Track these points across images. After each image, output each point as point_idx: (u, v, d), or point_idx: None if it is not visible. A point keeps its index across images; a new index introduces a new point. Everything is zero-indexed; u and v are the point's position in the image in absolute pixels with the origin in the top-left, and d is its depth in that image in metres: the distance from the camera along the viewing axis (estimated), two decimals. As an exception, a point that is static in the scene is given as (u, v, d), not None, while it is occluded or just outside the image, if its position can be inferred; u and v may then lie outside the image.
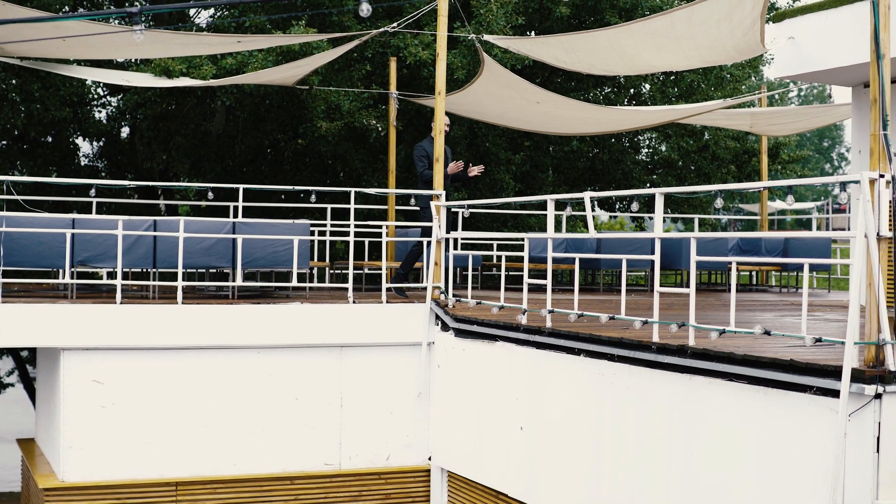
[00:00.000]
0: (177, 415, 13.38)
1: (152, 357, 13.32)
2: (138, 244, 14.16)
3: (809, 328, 10.76)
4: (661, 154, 29.68)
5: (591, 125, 21.50)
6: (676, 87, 26.32)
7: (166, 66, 18.56)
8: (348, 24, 20.96)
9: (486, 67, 17.00)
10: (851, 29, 13.19)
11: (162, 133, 24.59)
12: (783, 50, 14.47)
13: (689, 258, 9.56)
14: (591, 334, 10.65)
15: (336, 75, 21.56)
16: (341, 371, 14.05)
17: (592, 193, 11.15)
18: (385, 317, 14.22)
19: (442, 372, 13.93)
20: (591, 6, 23.44)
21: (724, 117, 21.90)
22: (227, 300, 14.18)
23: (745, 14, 12.84)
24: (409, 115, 23.17)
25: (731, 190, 8.94)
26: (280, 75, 18.70)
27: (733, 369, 8.67)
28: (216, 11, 24.02)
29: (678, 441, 9.34)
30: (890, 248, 7.67)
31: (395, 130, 19.77)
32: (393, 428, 14.26)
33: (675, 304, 14.64)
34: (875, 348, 7.53)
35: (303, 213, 24.27)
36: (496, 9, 20.24)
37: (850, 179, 7.72)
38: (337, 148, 23.41)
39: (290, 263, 14.56)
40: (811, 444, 7.84)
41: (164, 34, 16.60)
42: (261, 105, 23.70)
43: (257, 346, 13.72)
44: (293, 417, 13.86)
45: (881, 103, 7.76)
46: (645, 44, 14.69)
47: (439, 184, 14.63)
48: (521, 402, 11.98)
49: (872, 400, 7.40)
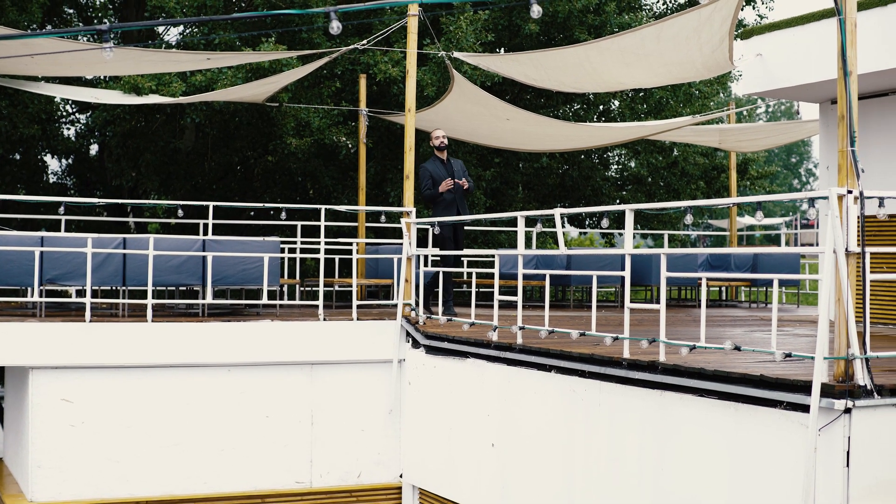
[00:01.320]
0: (147, 433, 13.30)
1: (122, 375, 13.24)
2: (108, 262, 14.10)
3: (779, 343, 10.80)
4: (631, 170, 29.79)
5: (561, 142, 21.57)
6: (645, 104, 26.42)
7: (135, 83, 18.53)
8: (318, 41, 20.96)
9: (456, 84, 17.03)
10: (818, 46, 13.28)
11: (131, 150, 24.52)
12: (751, 67, 14.55)
13: (660, 274, 9.59)
14: (562, 350, 10.66)
15: (306, 92, 21.56)
16: (312, 388, 14.00)
17: (562, 210, 11.16)
18: (356, 334, 14.18)
19: (413, 389, 13.91)
20: (560, 23, 23.52)
21: (692, 134, 21.99)
22: (197, 318, 14.13)
23: (714, 31, 12.91)
24: (379, 131, 23.20)
25: (700, 206, 8.99)
26: (250, 92, 18.69)
27: (704, 385, 8.69)
28: (186, 29, 23.98)
29: (650, 457, 9.35)
30: (858, 264, 7.70)
31: (365, 147, 19.77)
32: (364, 445, 14.22)
33: (646, 319, 14.66)
34: (844, 363, 7.56)
35: (273, 230, 24.22)
36: (466, 26, 20.29)
37: (818, 195, 7.75)
38: (307, 165, 23.41)
39: (261, 281, 14.53)
40: (782, 459, 7.86)
41: (133, 51, 16.55)
42: (230, 122, 23.68)
43: (228, 364, 13.66)
44: (264, 435, 13.80)
45: (849, 120, 7.80)
46: (614, 61, 14.74)
47: (409, 200, 14.62)
48: (493, 418, 11.97)
49: (842, 414, 7.43)
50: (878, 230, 13.30)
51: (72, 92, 20.00)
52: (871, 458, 7.52)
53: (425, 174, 14.77)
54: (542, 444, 10.99)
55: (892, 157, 13.94)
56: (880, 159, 14.01)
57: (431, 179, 14.71)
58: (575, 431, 10.43)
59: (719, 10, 12.37)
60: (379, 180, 23.85)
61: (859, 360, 7.54)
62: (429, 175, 14.74)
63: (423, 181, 14.78)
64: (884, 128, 14.09)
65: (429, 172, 14.76)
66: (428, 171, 14.78)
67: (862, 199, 7.61)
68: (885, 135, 14.06)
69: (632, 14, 25.06)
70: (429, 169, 14.79)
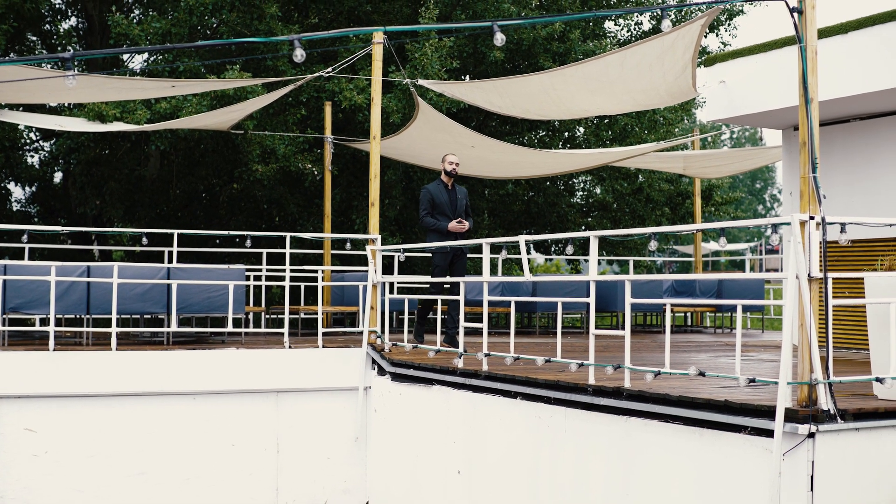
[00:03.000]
0: (112, 463, 13.22)
1: (86, 404, 13.15)
2: (71, 290, 14.04)
3: (744, 369, 10.86)
4: (596, 197, 29.91)
5: (526, 168, 21.62)
6: (610, 131, 26.54)
7: (100, 110, 18.47)
8: (283, 68, 20.97)
9: (421, 112, 17.06)
10: (781, 73, 13.38)
11: (95, 178, 24.43)
12: (715, 94, 14.63)
13: (625, 300, 9.61)
14: (528, 377, 10.66)
15: (271, 119, 21.56)
16: (278, 416, 13.95)
17: (527, 237, 11.18)
18: (321, 361, 14.15)
19: (379, 416, 13.88)
20: (525, 51, 23.61)
21: (657, 160, 22.09)
22: (162, 346, 14.07)
23: (677, 58, 12.98)
24: (344, 158, 23.21)
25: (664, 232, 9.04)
26: (215, 120, 18.66)
27: (669, 410, 8.71)
28: (150, 56, 23.95)
29: (615, 483, 9.35)
30: (821, 289, 7.75)
31: (331, 174, 19.79)
32: (330, 473, 14.17)
33: (611, 345, 14.69)
34: (808, 388, 7.60)
35: (238, 257, 24.18)
36: (431, 52, 20.34)
37: (781, 221, 7.80)
38: (272, 192, 23.39)
39: (226, 308, 14.49)
40: (747, 484, 7.87)
41: (97, 78, 16.51)
42: (195, 149, 23.63)
43: (193, 393, 13.59)
44: (229, 464, 13.73)
45: (810, 146, 7.86)
46: (578, 88, 14.80)
47: (374, 227, 14.61)
48: (459, 445, 11.95)
49: (806, 439, 7.46)
50: (841, 255, 13.39)
51: (36, 119, 19.94)
52: (835, 483, 7.54)
53: (426, 196, 14.24)
54: (508, 471, 10.98)
55: (854, 183, 14.04)
56: (843, 185, 14.11)
57: (431, 203, 14.20)
58: (541, 458, 10.43)
59: (682, 38, 12.44)
60: (344, 207, 23.84)
61: (822, 385, 7.57)
62: (429, 198, 14.21)
63: (423, 204, 14.26)
64: (846, 154, 14.19)
65: (430, 195, 14.24)
66: (430, 193, 14.26)
67: (824, 224, 7.66)
68: (848, 161, 14.16)
69: (596, 41, 25.19)
70: (431, 192, 14.27)
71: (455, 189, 14.38)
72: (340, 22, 24.41)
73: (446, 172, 14.28)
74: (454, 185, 14.39)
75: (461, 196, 14.39)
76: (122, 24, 20.29)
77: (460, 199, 14.36)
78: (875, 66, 12.42)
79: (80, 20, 27.45)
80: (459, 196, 14.36)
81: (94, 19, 25.83)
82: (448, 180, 14.32)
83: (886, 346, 8.18)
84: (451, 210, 14.24)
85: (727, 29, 27.81)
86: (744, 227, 8.45)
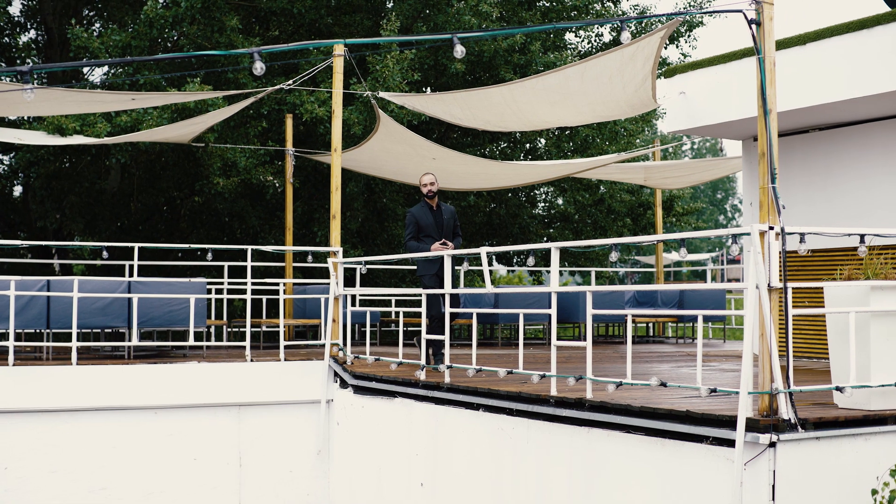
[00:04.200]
0: (74, 478, 13.12)
1: (47, 419, 13.06)
2: (31, 304, 13.95)
3: (705, 379, 10.89)
4: (558, 208, 29.96)
5: (488, 180, 21.65)
6: (572, 142, 26.61)
7: (59, 123, 18.37)
8: (244, 81, 20.92)
9: (382, 124, 17.05)
10: (740, 84, 13.46)
11: (55, 191, 24.29)
12: (675, 105, 14.70)
13: (587, 311, 9.62)
14: (490, 389, 10.66)
15: (232, 132, 21.49)
16: (240, 430, 13.90)
17: (489, 249, 11.19)
18: (283, 375, 14.11)
19: (341, 429, 13.85)
20: (486, 62, 23.64)
21: (618, 171, 22.16)
22: (123, 360, 13.99)
23: (637, 70, 13.03)
24: (305, 171, 23.18)
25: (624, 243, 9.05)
26: (175, 132, 18.59)
27: (631, 421, 8.72)
28: (110, 69, 23.85)
29: (578, 494, 9.36)
30: (781, 299, 7.79)
31: (292, 187, 19.74)
32: (293, 486, 14.12)
33: (574, 357, 14.72)
34: (769, 397, 7.63)
35: (200, 271, 24.09)
36: (392, 65, 20.34)
37: (740, 232, 7.84)
38: (234, 205, 23.32)
39: (187, 322, 14.43)
40: (709, 494, 7.90)
41: (56, 92, 16.41)
42: (156, 162, 23.54)
43: (154, 407, 13.52)
44: (192, 478, 13.66)
45: (769, 157, 7.91)
46: (539, 100, 14.83)
47: (336, 240, 14.58)
48: (421, 457, 11.93)
49: (767, 448, 7.49)
50: (801, 265, 13.46)
51: (-6, 133, 19.80)
52: (796, 492, 7.58)
53: (410, 220, 13.60)
54: (471, 483, 10.97)
55: (814, 193, 14.13)
56: (803, 195, 14.20)
57: (416, 227, 13.56)
58: (503, 469, 10.42)
59: (642, 50, 12.49)
60: (306, 220, 23.79)
61: (783, 395, 7.61)
62: (414, 222, 13.57)
63: (407, 228, 13.65)
64: (806, 164, 14.28)
65: (414, 219, 13.59)
66: (414, 217, 13.61)
67: (783, 234, 7.71)
68: (808, 171, 14.25)
69: (557, 53, 25.25)
70: (415, 215, 13.61)
71: (441, 209, 13.73)
72: (301, 34, 24.38)
73: (424, 195, 13.68)
74: (439, 205, 13.75)
75: (447, 216, 13.75)
76: (81, 36, 20.18)
77: (447, 219, 13.73)
78: (833, 77, 12.51)
79: (39, 33, 27.32)
80: (446, 216, 13.73)
81: (53, 32, 25.71)
82: (432, 201, 13.66)
83: (846, 355, 8.22)
84: (438, 232, 13.63)
85: (687, 40, 27.95)
86: (704, 237, 8.48)
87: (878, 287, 8.18)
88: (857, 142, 13.78)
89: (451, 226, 13.81)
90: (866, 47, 12.15)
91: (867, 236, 8.63)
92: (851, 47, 12.32)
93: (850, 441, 7.87)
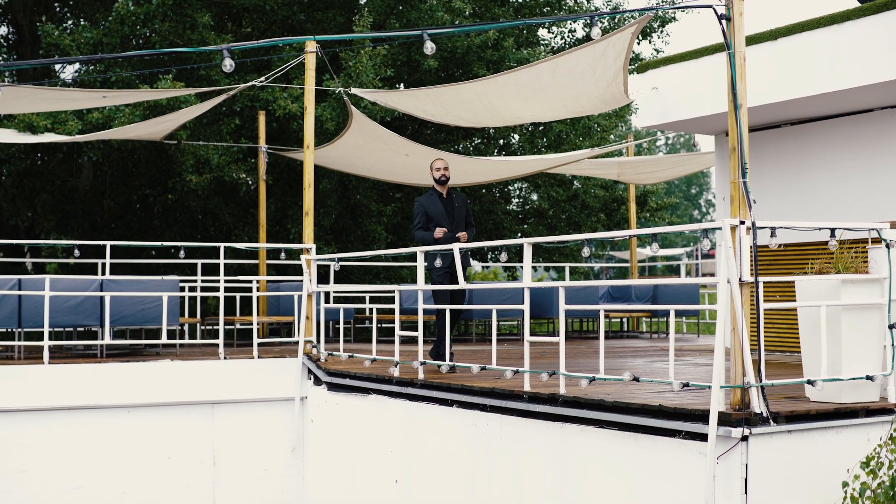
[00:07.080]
0: (46, 477, 13.07)
1: (18, 419, 13.00)
2: (2, 303, 13.89)
3: (678, 373, 10.93)
4: (532, 203, 29.97)
5: (462, 176, 21.63)
6: (545, 138, 26.62)
7: (30, 121, 18.27)
8: (216, 77, 20.86)
9: (355, 120, 17.03)
10: (712, 79, 13.47)
11: (27, 190, 24.18)
12: (647, 100, 14.71)
13: (559, 307, 9.63)
14: (463, 385, 10.66)
15: (205, 129, 21.42)
16: (213, 428, 13.86)
17: (461, 244, 11.18)
18: (257, 372, 14.09)
19: (316, 426, 13.83)
20: (459, 58, 23.64)
21: (592, 167, 22.18)
22: (96, 359, 13.94)
23: (609, 65, 13.04)
24: (279, 168, 23.13)
25: (598, 238, 9.07)
26: (147, 130, 18.53)
27: (604, 416, 8.74)
28: (82, 66, 23.75)
29: (552, 489, 9.37)
30: (752, 293, 7.81)
31: (265, 184, 19.70)
32: (268, 484, 14.10)
33: (548, 352, 14.72)
34: (741, 391, 7.66)
35: (173, 268, 24.01)
36: (365, 60, 20.31)
37: (712, 226, 7.86)
38: (207, 202, 23.25)
39: (160, 320, 14.39)
40: (682, 488, 7.92)
41: (27, 89, 16.34)
42: (129, 160, 23.44)
43: (127, 405, 13.48)
44: (165, 477, 13.62)
45: (740, 152, 7.93)
46: (512, 95, 14.84)
47: (309, 237, 14.56)
48: (396, 454, 11.93)
49: (739, 442, 7.51)
50: (772, 259, 13.50)
51: (-36, 131, 19.69)
52: (769, 485, 7.60)
53: (418, 209, 12.96)
54: (446, 479, 10.98)
55: (786, 188, 14.17)
56: (774, 190, 14.24)
57: (425, 216, 12.91)
58: (477, 465, 10.43)
59: (613, 45, 12.51)
60: (280, 217, 23.76)
61: (755, 388, 7.63)
62: (422, 211, 12.93)
63: (416, 218, 13.00)
64: (778, 159, 14.32)
65: (423, 208, 12.95)
66: (422, 206, 12.97)
67: (754, 229, 7.73)
68: (779, 166, 14.29)
69: (530, 49, 25.26)
70: (423, 204, 12.98)
71: (452, 197, 13.07)
72: (274, 31, 24.34)
73: (435, 180, 13.03)
74: (450, 193, 13.10)
75: (459, 204, 13.07)
76: (52, 33, 20.10)
77: (458, 207, 13.03)
78: (804, 72, 12.54)
79: (9, 30, 27.18)
80: (457, 205, 13.04)
81: (24, 29, 25.60)
82: (441, 188, 13.02)
83: (817, 348, 8.25)
84: (450, 221, 12.93)
85: (660, 36, 28.03)
86: (678, 232, 8.51)
87: (849, 281, 8.22)
88: (828, 136, 13.82)
89: (464, 214, 13.12)
90: (837, 43, 12.18)
91: (837, 230, 8.66)
92: (822, 43, 12.34)
93: (821, 434, 7.89)
